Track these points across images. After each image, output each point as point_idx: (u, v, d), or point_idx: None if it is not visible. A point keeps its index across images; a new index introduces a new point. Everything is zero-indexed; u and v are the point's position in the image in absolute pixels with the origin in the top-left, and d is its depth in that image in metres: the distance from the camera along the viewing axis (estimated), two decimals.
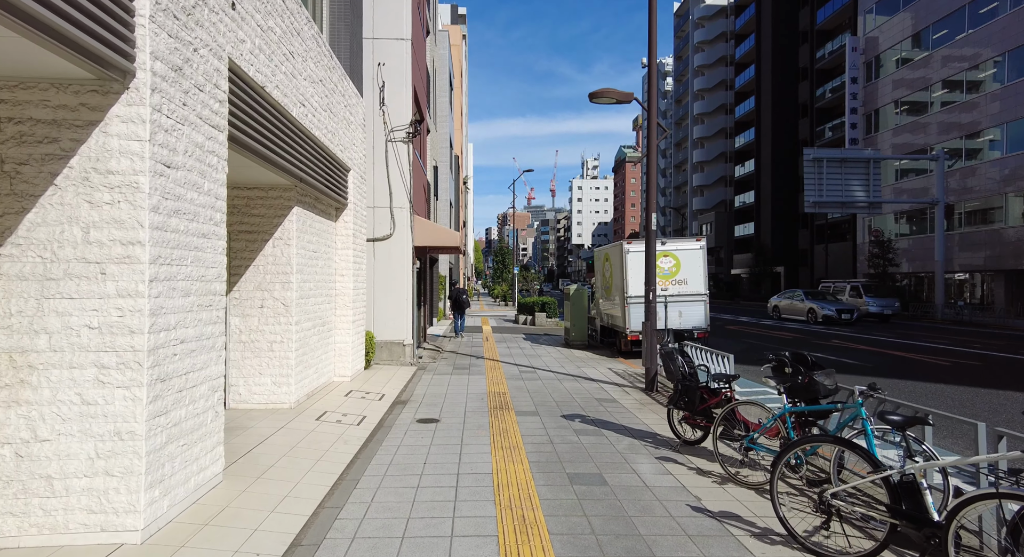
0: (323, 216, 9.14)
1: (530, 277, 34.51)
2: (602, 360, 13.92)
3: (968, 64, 32.85)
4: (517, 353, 14.91)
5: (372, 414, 7.81)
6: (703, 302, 14.72)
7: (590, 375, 11.48)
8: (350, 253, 9.90)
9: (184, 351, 4.21)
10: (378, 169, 12.23)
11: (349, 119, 9.77)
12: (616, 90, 9.86)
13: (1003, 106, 30.33)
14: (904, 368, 13.14)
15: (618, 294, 15.19)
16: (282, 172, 6.74)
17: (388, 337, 12.20)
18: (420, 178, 14.51)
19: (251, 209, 7.72)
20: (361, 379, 10.23)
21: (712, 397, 6.25)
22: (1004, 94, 30.27)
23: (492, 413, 8.06)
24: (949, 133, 34.16)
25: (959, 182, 32.83)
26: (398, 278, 12.26)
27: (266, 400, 7.66)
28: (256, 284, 7.69)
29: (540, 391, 9.72)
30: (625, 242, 14.71)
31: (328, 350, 9.47)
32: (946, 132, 34.43)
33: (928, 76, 36.27)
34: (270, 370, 7.67)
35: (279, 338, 7.68)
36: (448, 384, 10.30)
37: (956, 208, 33.93)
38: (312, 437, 6.49)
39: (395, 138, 12.28)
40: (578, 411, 8.24)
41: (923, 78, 36.69)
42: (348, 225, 9.92)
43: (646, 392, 9.72)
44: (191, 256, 4.31)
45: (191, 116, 4.28)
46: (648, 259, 9.93)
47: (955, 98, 34.10)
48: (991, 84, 31.40)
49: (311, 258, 8.50)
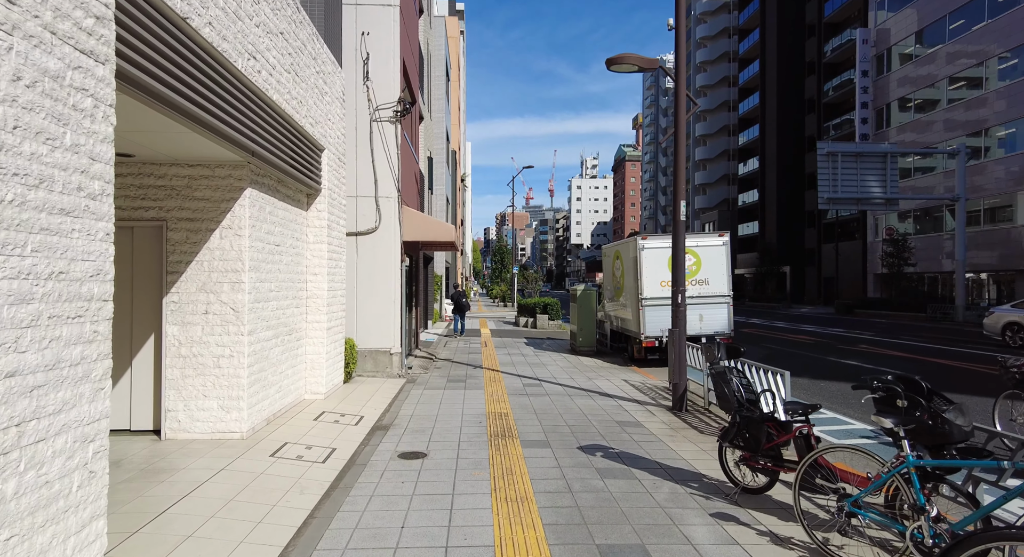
0: (289, 203, 7.63)
1: (531, 277, 32.98)
2: (614, 370, 12.42)
3: (986, 56, 31.41)
4: (519, 361, 13.41)
5: (344, 445, 6.30)
6: (726, 304, 13.25)
7: (604, 389, 9.98)
8: (324, 248, 8.39)
9: (17, 389, 2.71)
10: (362, 153, 10.73)
11: (323, 89, 8.26)
12: (638, 56, 8.36)
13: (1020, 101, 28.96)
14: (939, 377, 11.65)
15: (631, 296, 13.70)
16: (225, 142, 5.24)
17: (372, 345, 10.69)
18: (411, 165, 13.02)
19: (193, 191, 6.21)
20: (338, 396, 8.72)
21: (782, 433, 4.76)
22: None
23: (493, 442, 6.56)
24: (969, 127, 32.72)
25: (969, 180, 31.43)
26: (384, 277, 10.76)
27: (211, 429, 6.16)
28: (199, 285, 6.18)
29: (549, 411, 8.22)
30: (639, 237, 13.22)
31: (297, 363, 7.97)
32: (966, 126, 33.00)
33: (943, 69, 34.83)
34: (216, 391, 6.16)
35: (228, 351, 6.17)
36: (440, 401, 8.80)
37: (967, 206, 32.83)
38: (260, 484, 4.98)
39: (381, 117, 10.77)
40: (597, 440, 6.74)
41: (938, 71, 35.25)
42: (322, 215, 8.42)
43: (674, 413, 8.23)
44: (35, 241, 2.81)
45: (31, 25, 2.78)
46: (676, 256, 8.44)
47: (974, 92, 32.67)
48: (1016, 75, 29.98)
49: (273, 253, 6.99)
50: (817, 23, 51.71)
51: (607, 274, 16.18)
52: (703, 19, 75.63)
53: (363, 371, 10.66)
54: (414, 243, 13.63)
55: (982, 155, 32.00)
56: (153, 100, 4.00)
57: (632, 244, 13.62)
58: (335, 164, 8.99)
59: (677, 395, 8.33)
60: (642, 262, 13.06)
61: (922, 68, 36.68)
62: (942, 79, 34.97)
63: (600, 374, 11.71)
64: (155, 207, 6.19)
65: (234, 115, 5.28)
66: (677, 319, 8.38)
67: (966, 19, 33.46)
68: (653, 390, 9.98)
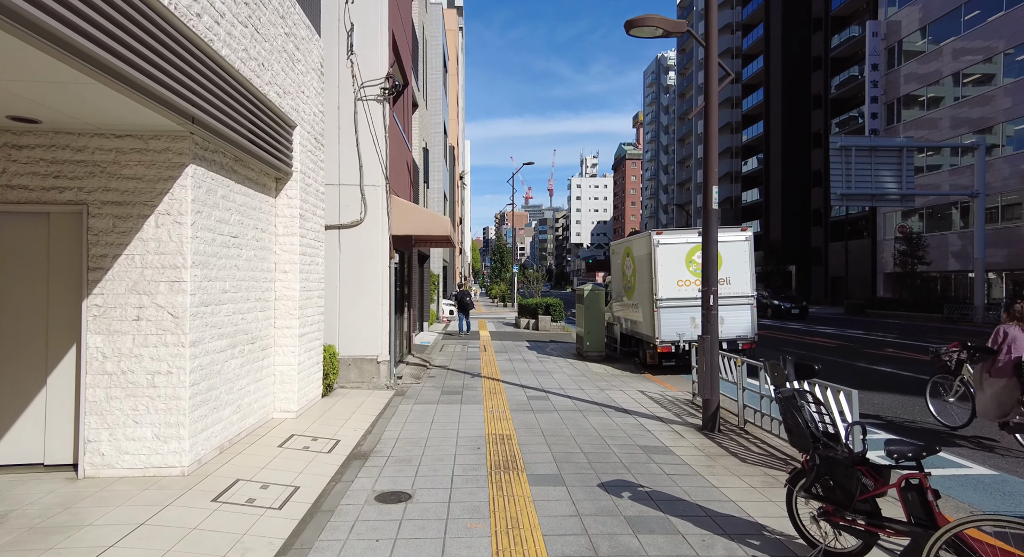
0: (251, 187, 6.43)
1: (532, 276, 31.81)
2: (627, 378, 11.22)
3: (1004, 47, 30.23)
4: (522, 368, 12.21)
5: (310, 482, 5.10)
6: (749, 306, 12.07)
7: (619, 402, 8.78)
8: (296, 241, 7.19)
9: None
10: (346, 136, 9.53)
11: (294, 55, 7.06)
12: (661, 17, 7.16)
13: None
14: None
15: (644, 296, 12.51)
16: (152, 101, 4.04)
17: (357, 352, 9.49)
18: (403, 153, 11.82)
19: (122, 169, 5.01)
20: (313, 413, 7.51)
21: (881, 482, 3.57)
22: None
23: (493, 477, 5.36)
24: (984, 123, 31.55)
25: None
26: (370, 276, 9.55)
27: (144, 463, 4.95)
28: (130, 284, 4.98)
29: (559, 432, 7.02)
30: (654, 232, 12.02)
31: (262, 377, 6.76)
32: (980, 122, 31.82)
33: (957, 62, 33.65)
34: (150, 416, 4.96)
35: (165, 366, 4.97)
36: (432, 419, 7.60)
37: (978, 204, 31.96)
38: (188, 547, 3.78)
39: (367, 95, 9.57)
40: (621, 472, 5.55)
41: (952, 65, 34.07)
42: (293, 202, 7.21)
43: (705, 434, 7.03)
44: None
45: None
46: (708, 251, 7.24)
47: (992, 85, 31.49)
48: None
49: (227, 246, 5.79)
50: (824, 17, 50.53)
51: (616, 273, 14.98)
52: None
53: (346, 382, 9.45)
54: (406, 238, 12.43)
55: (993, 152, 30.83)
56: (28, 32, 2.80)
57: (645, 240, 12.42)
58: (311, 145, 7.79)
59: (708, 413, 7.13)
60: (657, 259, 11.86)
61: (935, 61, 35.50)
62: (955, 73, 33.78)
63: (612, 383, 10.51)
64: (73, 187, 4.98)
65: (163, 68, 4.07)
66: (708, 324, 7.18)
67: (982, 9, 32.30)
68: (675, 404, 8.79)
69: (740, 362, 7.51)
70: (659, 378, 11.34)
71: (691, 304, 11.89)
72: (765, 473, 5.58)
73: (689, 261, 11.95)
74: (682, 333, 11.81)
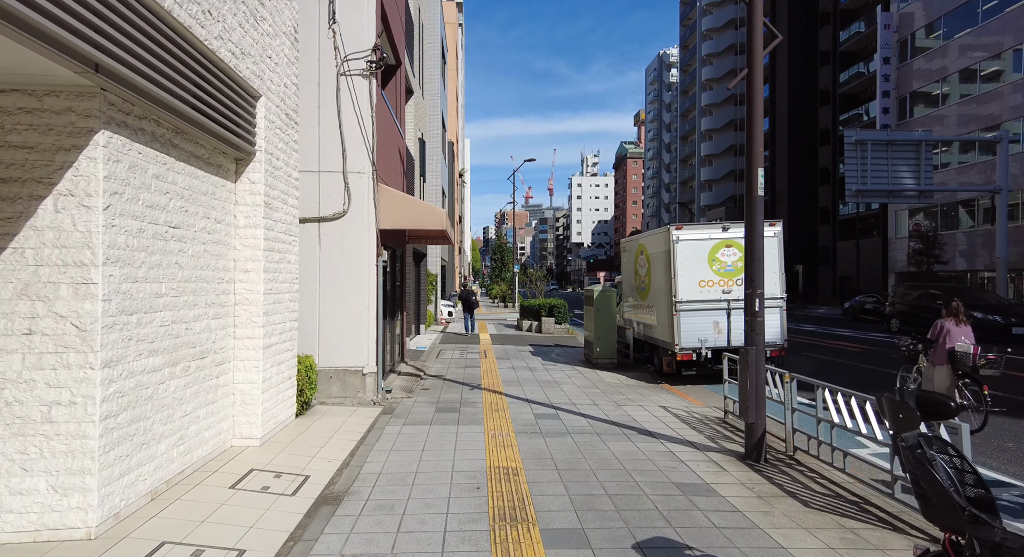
0: (199, 166, 5.24)
1: (535, 276, 30.64)
2: (644, 390, 10.04)
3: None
4: (526, 378, 11.02)
5: (260, 546, 3.91)
6: (779, 309, 10.86)
7: (641, 421, 7.60)
8: (260, 234, 6.00)
9: None
10: (327, 116, 8.35)
11: (257, 12, 5.88)
12: None
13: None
14: None
15: (661, 298, 11.33)
16: (29, 36, 2.88)
17: (339, 363, 8.31)
18: (394, 138, 10.63)
19: (7, 134, 3.82)
20: (282, 439, 6.33)
21: None
22: None
23: (498, 536, 4.17)
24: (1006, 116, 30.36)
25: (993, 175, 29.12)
26: (355, 276, 8.37)
27: (35, 523, 3.77)
28: (18, 287, 3.80)
29: (576, 464, 5.83)
30: (673, 227, 10.84)
31: (217, 398, 5.58)
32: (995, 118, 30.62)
33: (973, 55, 32.45)
34: (45, 461, 3.78)
35: (67, 395, 3.79)
36: (424, 446, 6.41)
37: (993, 201, 30.85)
38: None
39: (352, 70, 8.38)
40: (659, 527, 4.36)
41: (969, 57, 32.88)
42: (257, 188, 6.03)
43: (749, 464, 5.85)
44: None
45: None
46: (752, 245, 6.06)
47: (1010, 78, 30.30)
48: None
49: (163, 238, 4.61)
50: (832, 10, 49.36)
51: (627, 272, 13.80)
52: (709, 11, 73.32)
53: (327, 397, 8.27)
54: (398, 233, 11.25)
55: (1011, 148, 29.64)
56: None
57: (663, 235, 11.24)
58: (281, 122, 6.61)
59: (753, 440, 5.95)
60: (676, 257, 10.68)
61: (949, 54, 34.30)
62: (971, 67, 32.59)
63: (628, 397, 9.33)
64: None
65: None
66: (754, 334, 6.00)
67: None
68: (704, 423, 7.61)
69: (788, 377, 6.33)
70: (679, 389, 10.17)
71: (714, 307, 10.72)
72: (840, 525, 4.41)
73: (712, 259, 10.77)
74: (704, 339, 10.63)
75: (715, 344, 10.66)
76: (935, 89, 35.79)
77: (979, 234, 31.72)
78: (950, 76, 34.41)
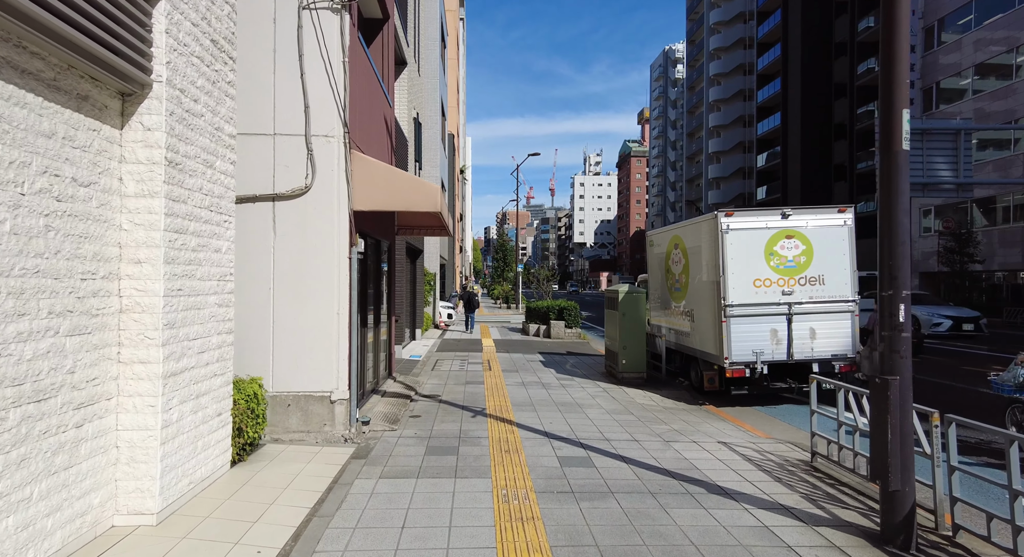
0: (47, 97, 3.25)
1: (542, 275, 28.67)
2: (688, 415, 8.04)
3: None
4: (541, 398, 9.02)
5: None
6: (850, 314, 8.90)
7: (704, 470, 5.60)
8: (158, 206, 4.01)
9: None
10: (284, 64, 6.36)
11: None
12: None
13: None
14: None
15: (702, 301, 9.34)
16: None
17: (298, 387, 6.31)
18: (377, 102, 8.63)
19: None
20: (198, 510, 4.32)
21: None
22: None
23: None
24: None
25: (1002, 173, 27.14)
26: (320, 272, 6.37)
27: None
28: None
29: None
30: (722, 214, 8.86)
31: (81, 458, 3.59)
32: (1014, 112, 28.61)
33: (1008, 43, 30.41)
34: None
35: None
36: (405, 520, 4.40)
37: (998, 200, 29.29)
38: None
39: (318, 3, 6.39)
40: None
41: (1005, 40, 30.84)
42: (155, 138, 4.04)
43: (890, 554, 3.86)
44: None
45: None
46: (891, 222, 4.07)
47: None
48: None
49: None
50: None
51: (655, 270, 11.80)
52: (717, 3, 71.32)
53: (284, 432, 6.27)
54: (383, 219, 9.25)
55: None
56: None
57: (708, 225, 9.24)
58: (203, 50, 4.62)
59: (897, 517, 3.95)
60: (726, 251, 8.69)
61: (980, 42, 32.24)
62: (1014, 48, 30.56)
63: (673, 426, 7.33)
64: None
65: None
66: (897, 355, 3.99)
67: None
68: (785, 468, 5.61)
69: (938, 418, 4.32)
70: (729, 413, 8.19)
71: (773, 311, 8.74)
72: None
73: (770, 253, 8.78)
74: (760, 351, 8.65)
75: (773, 358, 8.69)
76: (965, 79, 33.76)
77: (1014, 231, 29.68)
78: (980, 65, 32.38)
